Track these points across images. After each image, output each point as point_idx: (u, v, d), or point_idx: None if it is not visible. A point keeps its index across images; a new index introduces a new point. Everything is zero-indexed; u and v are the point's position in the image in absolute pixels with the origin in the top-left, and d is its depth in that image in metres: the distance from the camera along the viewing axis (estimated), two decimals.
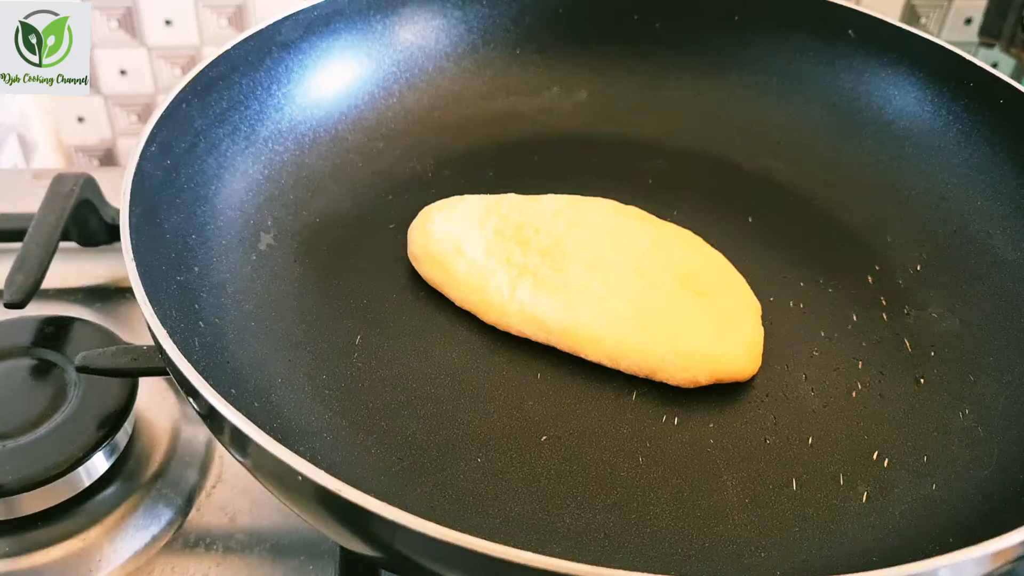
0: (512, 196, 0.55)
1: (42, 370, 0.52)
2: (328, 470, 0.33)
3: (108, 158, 1.09)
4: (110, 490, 0.50)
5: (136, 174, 0.45)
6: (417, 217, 0.54)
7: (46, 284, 0.54)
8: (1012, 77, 0.56)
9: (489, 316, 0.50)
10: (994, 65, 1.07)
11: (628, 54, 0.64)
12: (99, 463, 0.50)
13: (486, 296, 0.50)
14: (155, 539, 0.49)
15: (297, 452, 0.34)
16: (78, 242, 0.60)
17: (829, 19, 0.61)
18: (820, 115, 0.61)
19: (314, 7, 0.58)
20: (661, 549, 0.41)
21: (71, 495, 0.49)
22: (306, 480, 0.33)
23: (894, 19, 1.01)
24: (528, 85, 0.64)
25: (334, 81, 0.59)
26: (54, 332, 0.54)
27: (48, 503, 0.48)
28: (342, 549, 0.46)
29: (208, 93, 0.52)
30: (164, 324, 0.38)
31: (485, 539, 0.31)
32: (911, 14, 1.03)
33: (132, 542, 0.49)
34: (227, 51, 0.53)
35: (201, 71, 0.51)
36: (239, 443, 0.36)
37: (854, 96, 0.61)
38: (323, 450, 0.43)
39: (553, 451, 0.45)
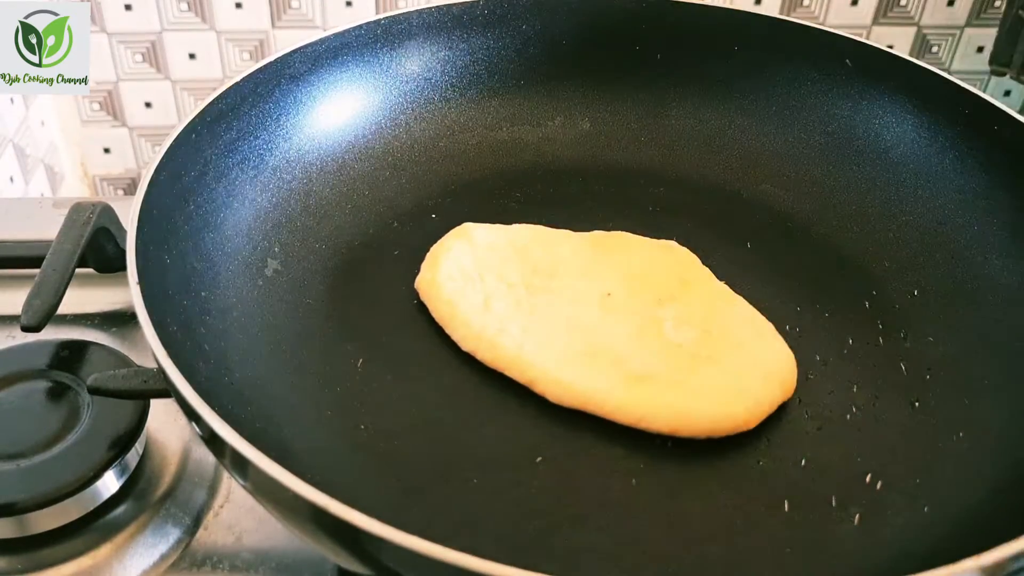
0: (529, 231, 0.57)
1: (56, 392, 0.54)
2: (326, 491, 0.34)
3: (132, 188, 1.12)
4: (120, 509, 0.51)
5: (145, 201, 0.46)
6: (429, 253, 0.55)
7: (63, 309, 0.55)
8: None
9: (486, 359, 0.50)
10: (1006, 93, 1.08)
11: (630, 84, 0.66)
12: (110, 483, 0.51)
13: (484, 341, 0.50)
14: (163, 558, 0.50)
15: (296, 473, 0.35)
16: (95, 268, 0.62)
17: (827, 49, 0.62)
18: (818, 142, 0.62)
19: (322, 40, 0.59)
20: (653, 570, 0.42)
21: (82, 514, 0.50)
22: (298, 497, 0.34)
23: (906, 48, 1.03)
24: (532, 115, 0.65)
25: (342, 112, 0.61)
26: (69, 355, 0.55)
27: (60, 522, 0.50)
28: (340, 570, 0.47)
29: (218, 123, 0.53)
30: (167, 347, 0.39)
31: (477, 557, 0.32)
32: (923, 43, 1.04)
33: (141, 561, 0.50)
34: (237, 83, 0.55)
35: (211, 102, 0.53)
36: (239, 465, 0.37)
37: (852, 124, 0.61)
38: (322, 471, 0.44)
39: (548, 472, 0.45)
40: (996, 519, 0.42)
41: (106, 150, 1.09)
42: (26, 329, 0.53)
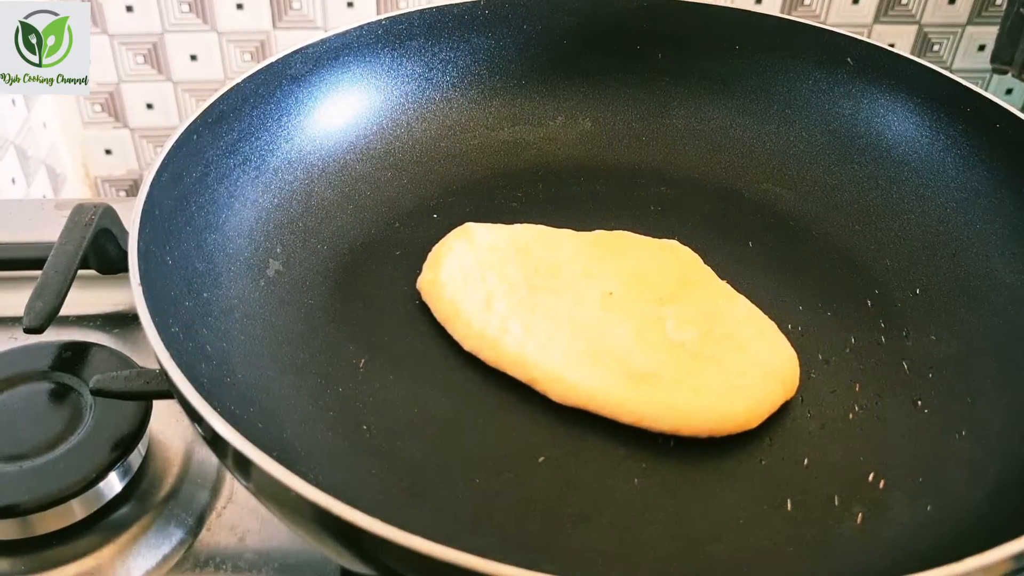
0: (531, 231, 0.57)
1: (59, 394, 0.54)
2: (328, 491, 0.34)
3: (134, 190, 1.12)
4: (123, 510, 0.51)
5: (147, 202, 0.46)
6: (431, 253, 0.55)
7: (65, 311, 0.55)
8: None
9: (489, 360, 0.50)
10: (1008, 91, 1.07)
11: (631, 84, 0.66)
12: (113, 484, 0.51)
13: (486, 342, 0.50)
14: (166, 558, 0.50)
15: (298, 473, 0.35)
16: (97, 270, 0.62)
17: (828, 47, 0.62)
18: (820, 141, 0.62)
19: (324, 41, 0.59)
20: (655, 569, 0.42)
21: (86, 515, 0.50)
22: (300, 498, 0.34)
23: (907, 47, 1.03)
24: (533, 115, 0.65)
25: (343, 112, 0.61)
26: (72, 357, 0.55)
27: (63, 523, 0.50)
28: (343, 570, 0.47)
29: (219, 124, 0.53)
30: (169, 348, 0.39)
31: (479, 557, 0.32)
32: (924, 42, 1.04)
33: (144, 561, 0.50)
34: (238, 84, 0.55)
35: (212, 103, 0.53)
36: (242, 466, 0.37)
37: (853, 122, 0.62)
38: (325, 472, 0.44)
39: (549, 472, 0.45)
40: (998, 518, 0.42)
41: (108, 151, 1.09)
42: (28, 331, 0.53)
